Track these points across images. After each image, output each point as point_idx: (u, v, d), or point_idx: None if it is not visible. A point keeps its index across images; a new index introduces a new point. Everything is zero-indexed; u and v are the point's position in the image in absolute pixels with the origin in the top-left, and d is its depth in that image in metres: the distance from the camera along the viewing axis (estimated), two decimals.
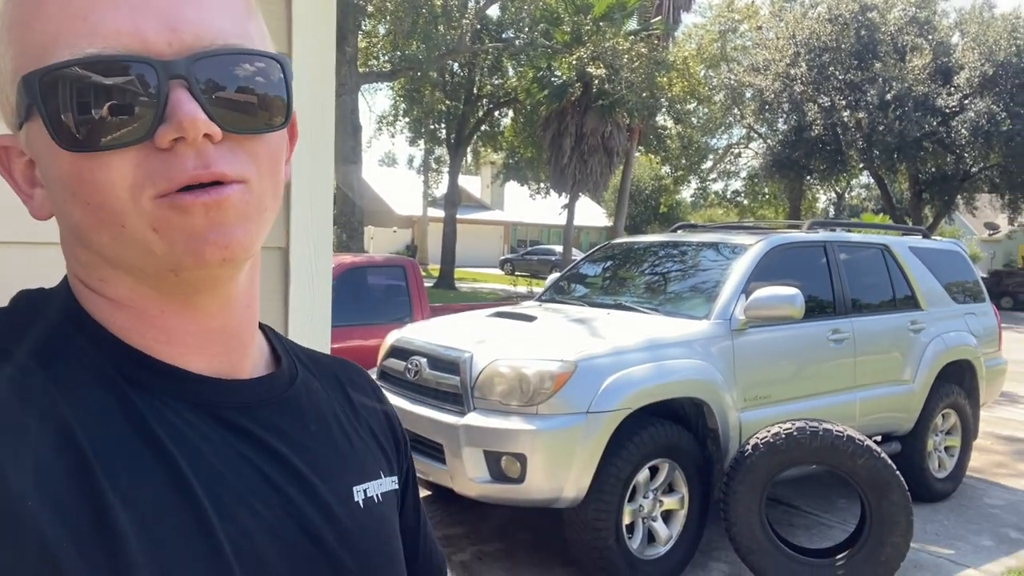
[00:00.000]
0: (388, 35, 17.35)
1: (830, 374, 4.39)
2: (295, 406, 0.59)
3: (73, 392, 0.47)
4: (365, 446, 0.64)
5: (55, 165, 0.47)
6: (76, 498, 0.43)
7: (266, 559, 0.50)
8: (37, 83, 0.45)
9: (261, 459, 0.53)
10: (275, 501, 0.52)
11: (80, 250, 0.51)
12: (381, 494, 0.61)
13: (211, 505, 0.48)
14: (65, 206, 0.48)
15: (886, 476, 3.44)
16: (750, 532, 3.50)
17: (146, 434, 0.48)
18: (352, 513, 0.58)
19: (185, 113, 0.45)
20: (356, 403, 0.67)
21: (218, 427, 0.52)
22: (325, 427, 0.60)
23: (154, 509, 0.46)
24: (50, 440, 0.44)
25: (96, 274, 0.52)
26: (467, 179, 36.60)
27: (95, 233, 0.48)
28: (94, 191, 0.46)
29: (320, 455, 0.58)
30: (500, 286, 23.34)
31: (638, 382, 3.45)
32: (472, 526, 4.24)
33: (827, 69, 20.42)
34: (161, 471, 0.47)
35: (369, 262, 6.17)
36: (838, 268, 4.64)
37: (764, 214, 30.30)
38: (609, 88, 15.70)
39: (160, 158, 0.46)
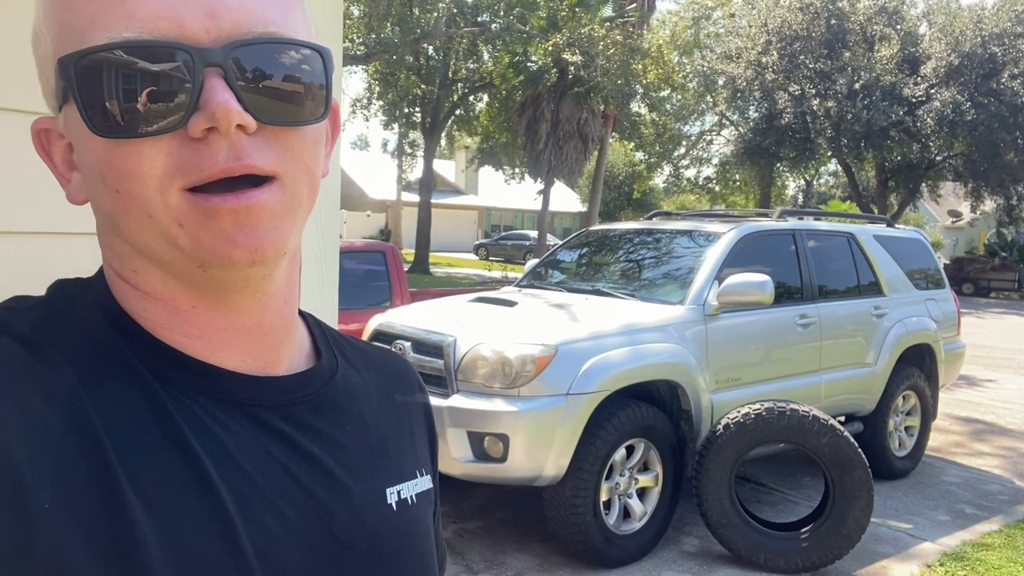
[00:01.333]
0: (363, 17, 17.21)
1: (797, 357, 4.57)
2: (331, 404, 0.57)
3: (100, 389, 0.46)
4: (402, 445, 0.62)
5: (88, 150, 0.46)
6: (95, 500, 0.42)
7: (290, 564, 0.49)
8: (73, 66, 0.44)
9: (292, 460, 0.52)
10: (304, 504, 0.51)
11: (114, 239, 0.51)
12: (416, 495, 0.60)
13: (236, 507, 0.47)
14: (97, 193, 0.48)
15: (849, 454, 3.63)
16: (720, 507, 3.67)
17: (172, 433, 0.47)
18: (384, 516, 0.56)
19: (218, 102, 0.43)
20: (398, 398, 0.65)
21: (249, 426, 0.51)
22: (362, 426, 0.59)
23: (175, 511, 0.45)
24: (72, 440, 0.43)
25: (129, 264, 0.51)
26: (441, 163, 36.47)
27: (124, 222, 0.48)
28: (123, 179, 0.45)
29: (354, 456, 0.56)
30: (475, 271, 23.41)
31: (616, 365, 3.59)
32: (454, 505, 4.36)
33: (797, 58, 20.69)
34: (185, 471, 0.46)
35: (349, 247, 6.22)
36: (806, 255, 4.81)
37: (735, 201, 30.68)
38: (585, 75, 15.78)
39: (192, 148, 0.44)
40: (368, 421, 0.60)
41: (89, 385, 0.45)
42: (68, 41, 0.45)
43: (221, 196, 0.45)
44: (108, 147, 0.45)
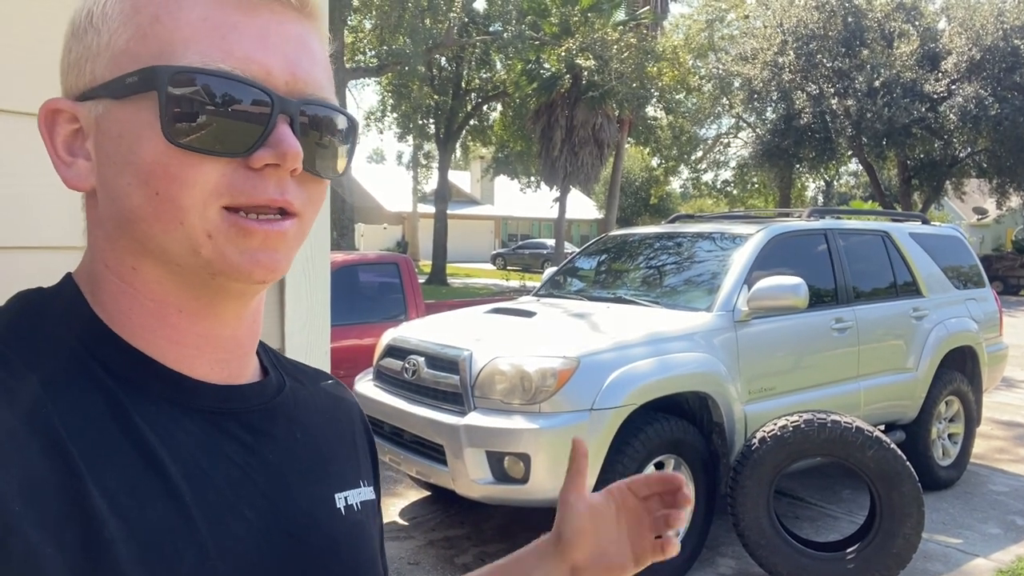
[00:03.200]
0: (374, 29, 17.18)
1: (834, 364, 4.33)
2: (283, 413, 0.60)
3: (64, 395, 0.47)
4: (346, 455, 0.65)
5: (142, 151, 0.48)
6: (63, 503, 0.43)
7: (253, 564, 0.51)
8: (169, 77, 0.47)
9: (250, 464, 0.54)
10: (263, 506, 0.53)
11: (120, 234, 0.52)
12: (360, 502, 0.63)
13: (199, 510, 0.49)
14: (129, 189, 0.49)
15: (896, 467, 3.38)
16: (758, 527, 3.43)
17: (136, 438, 0.48)
18: (334, 519, 0.59)
19: (290, 145, 0.49)
20: (337, 412, 0.68)
21: (211, 431, 0.53)
22: (310, 434, 0.61)
23: (141, 513, 0.46)
24: (37, 445, 0.44)
25: (129, 261, 0.52)
26: (457, 174, 36.45)
27: (147, 222, 0.49)
28: (173, 185, 0.48)
29: (305, 462, 0.59)
30: (493, 281, 23.25)
31: (642, 377, 3.38)
32: (474, 527, 4.15)
33: (815, 57, 20.40)
34: (150, 475, 0.48)
35: (362, 260, 6.07)
36: (839, 256, 4.57)
37: (754, 204, 30.31)
38: (599, 79, 15.60)
39: (245, 176, 0.49)
40: (314, 431, 0.62)
41: (53, 391, 0.46)
42: (150, 49, 0.48)
43: (259, 221, 0.50)
44: (170, 153, 0.48)
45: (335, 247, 12.92)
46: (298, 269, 1.26)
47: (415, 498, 4.57)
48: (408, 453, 3.57)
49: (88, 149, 0.51)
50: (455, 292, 18.29)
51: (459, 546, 3.91)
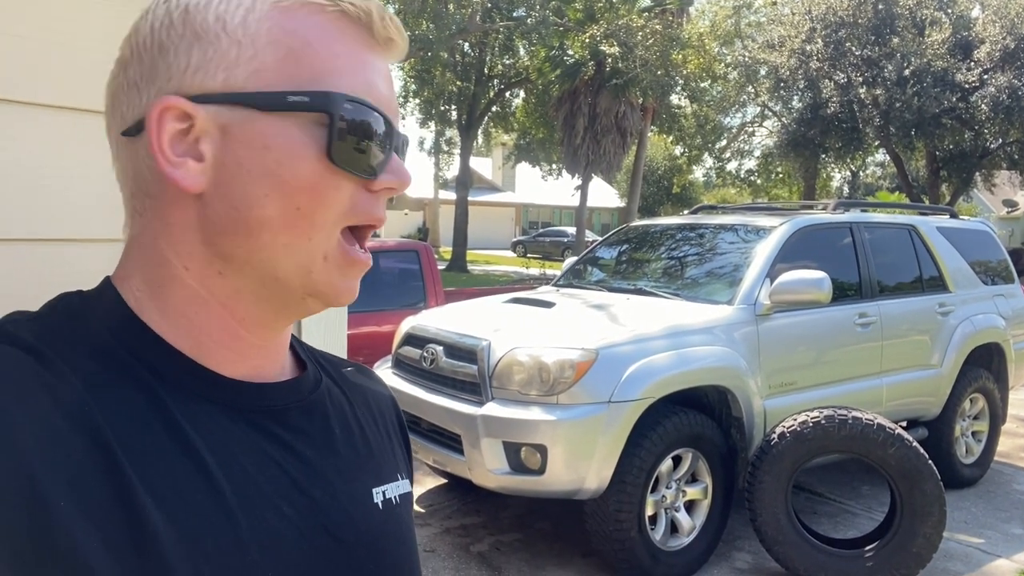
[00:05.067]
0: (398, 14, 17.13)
1: (857, 359, 4.27)
2: (320, 409, 0.60)
3: (106, 394, 0.47)
4: (383, 448, 0.65)
5: (294, 165, 0.50)
6: (108, 498, 0.44)
7: (292, 559, 0.52)
8: (341, 101, 0.51)
9: (288, 461, 0.55)
10: (301, 503, 0.54)
11: (222, 239, 0.52)
12: (398, 496, 0.63)
13: (240, 506, 0.50)
14: (263, 199, 0.51)
15: (918, 465, 3.34)
16: (776, 523, 3.41)
17: (178, 436, 0.49)
18: (372, 515, 0.59)
19: (407, 173, 0.55)
20: (374, 406, 0.68)
21: (248, 430, 0.54)
22: (347, 430, 0.62)
23: (185, 509, 0.47)
24: (81, 442, 0.44)
25: (217, 266, 0.53)
26: (478, 161, 36.37)
27: (273, 233, 0.51)
28: (315, 202, 0.51)
29: (343, 457, 0.59)
30: (513, 268, 23.24)
31: (661, 370, 3.35)
32: (490, 516, 4.17)
33: (843, 45, 20.00)
34: (192, 471, 0.49)
35: (381, 247, 6.07)
36: (864, 250, 4.50)
37: (778, 194, 29.95)
38: (623, 67, 15.44)
39: (365, 197, 0.53)
40: (352, 425, 0.63)
41: (95, 391, 0.47)
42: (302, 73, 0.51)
43: (362, 252, 0.55)
44: (322, 172, 0.51)
45: None
46: None
47: (432, 485, 4.60)
48: (425, 442, 3.59)
49: (202, 151, 0.51)
50: (475, 279, 18.30)
51: (475, 534, 3.93)
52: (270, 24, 0.51)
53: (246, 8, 0.51)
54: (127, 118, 0.52)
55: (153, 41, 0.51)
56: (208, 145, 0.51)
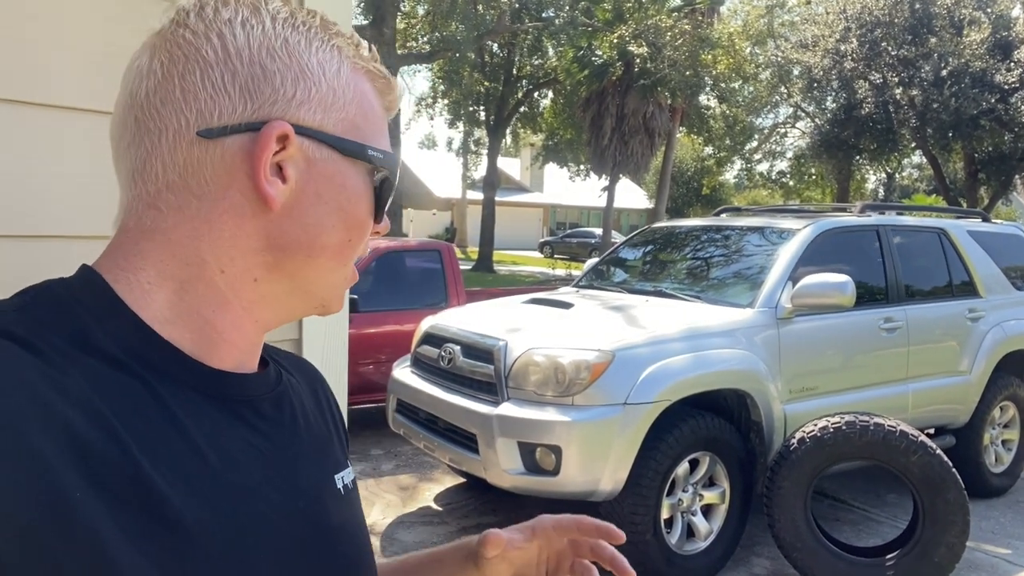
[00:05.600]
0: (427, 16, 17.23)
1: (881, 365, 4.20)
2: (287, 400, 0.63)
3: (106, 387, 0.48)
4: (333, 438, 0.69)
5: (359, 206, 0.59)
6: (127, 489, 0.45)
7: (280, 543, 0.55)
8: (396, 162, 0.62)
9: (268, 449, 0.57)
10: (284, 489, 0.57)
11: (276, 252, 0.56)
12: (351, 481, 0.67)
13: (237, 493, 0.52)
14: (331, 229, 0.58)
15: (941, 474, 3.27)
16: (794, 529, 3.37)
17: (178, 426, 0.51)
18: (338, 500, 0.63)
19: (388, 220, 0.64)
20: (321, 394, 0.72)
21: (232, 419, 0.56)
22: (307, 419, 0.65)
23: (194, 495, 0.49)
24: (95, 434, 0.45)
25: (256, 273, 0.56)
26: (506, 161, 36.40)
27: (327, 256, 0.58)
28: (360, 237, 0.60)
29: (309, 446, 0.63)
30: (539, 269, 23.22)
31: (678, 373, 3.33)
32: (507, 515, 4.18)
33: (879, 45, 19.64)
34: (196, 460, 0.51)
35: (404, 246, 6.11)
36: (891, 253, 4.42)
37: (811, 196, 29.51)
38: (651, 67, 15.35)
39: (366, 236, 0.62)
40: (309, 415, 0.66)
41: (95, 383, 0.48)
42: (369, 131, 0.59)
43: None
44: (369, 214, 0.60)
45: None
46: None
47: (450, 484, 4.62)
48: (442, 440, 3.60)
49: (288, 175, 0.55)
50: (501, 279, 18.32)
51: None
52: (354, 82, 0.59)
53: (338, 62, 0.58)
54: (210, 119, 0.53)
55: (252, 59, 0.54)
56: (293, 171, 0.55)
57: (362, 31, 14.83)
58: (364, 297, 5.46)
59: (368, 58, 0.62)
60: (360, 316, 5.40)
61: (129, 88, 0.55)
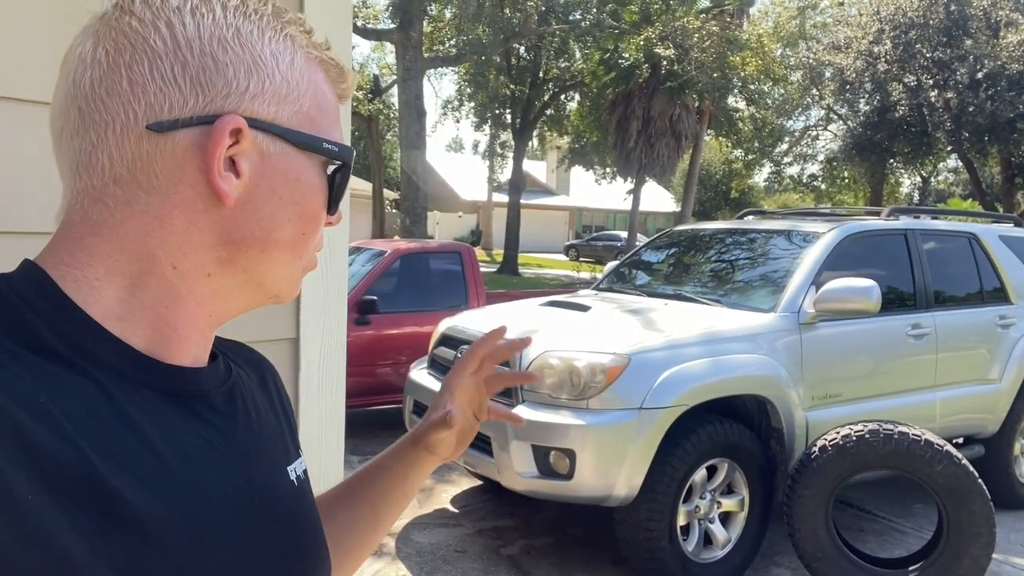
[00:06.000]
0: (454, 19, 17.29)
1: (908, 372, 4.10)
2: (238, 393, 0.62)
3: (55, 386, 0.47)
4: (283, 429, 0.68)
5: (314, 200, 0.58)
6: (79, 488, 0.44)
7: (237, 538, 0.54)
8: (352, 154, 0.61)
9: (222, 444, 0.57)
10: (239, 483, 0.56)
11: (230, 247, 0.55)
12: (303, 472, 0.67)
13: (193, 490, 0.52)
14: (285, 223, 0.57)
15: (967, 484, 3.18)
16: (815, 538, 3.30)
17: (130, 423, 0.50)
18: (291, 492, 0.63)
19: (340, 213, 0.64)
20: (269, 385, 0.71)
21: (186, 414, 0.55)
22: (258, 412, 0.64)
23: (149, 493, 0.48)
24: (44, 435, 0.44)
25: (209, 268, 0.55)
26: (532, 164, 36.40)
27: (281, 250, 0.57)
28: (315, 230, 0.59)
29: (261, 438, 0.62)
30: (564, 272, 23.16)
31: (696, 377, 3.28)
32: (523, 519, 4.15)
33: (913, 47, 19.28)
34: (149, 457, 0.50)
35: (423, 248, 6.13)
36: (920, 258, 4.32)
37: (842, 199, 29.08)
38: (678, 69, 15.23)
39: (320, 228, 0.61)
40: (260, 407, 0.65)
41: (42, 381, 0.47)
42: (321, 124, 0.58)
43: None
44: (323, 207, 0.60)
45: (407, 234, 13.11)
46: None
47: (467, 486, 4.60)
48: None
49: (241, 169, 0.54)
50: (525, 282, 18.31)
51: (506, 536, 3.92)
52: (308, 73, 0.58)
53: (291, 52, 0.57)
54: (159, 112, 0.51)
55: (203, 49, 0.52)
56: (246, 165, 0.54)
57: (389, 35, 14.94)
58: (384, 298, 5.48)
59: (321, 46, 0.60)
60: (380, 317, 5.42)
61: (71, 77, 0.53)
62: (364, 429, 5.55)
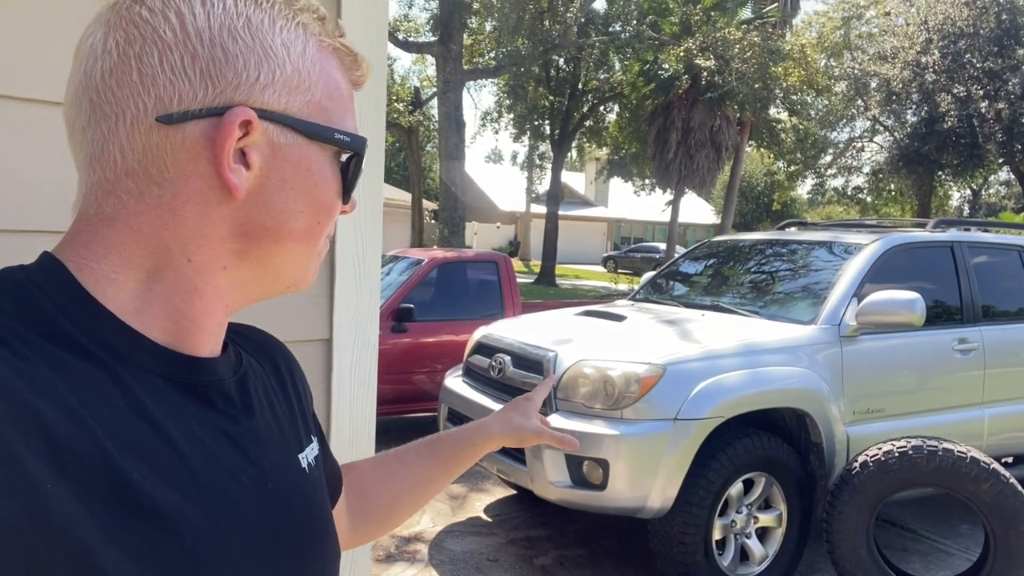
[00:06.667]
0: (493, 32, 17.44)
1: (954, 388, 3.99)
2: (250, 381, 0.63)
3: (72, 376, 0.47)
4: (295, 416, 0.68)
5: (327, 190, 0.58)
6: (97, 478, 0.44)
7: (251, 526, 0.55)
8: (364, 144, 0.60)
9: (236, 432, 0.57)
10: (252, 472, 0.57)
11: (243, 239, 0.55)
12: (314, 458, 0.67)
13: (209, 479, 0.52)
14: (298, 214, 0.57)
15: (1015, 504, 3.07)
16: (855, 557, 3.21)
17: (145, 414, 0.50)
18: (303, 479, 0.63)
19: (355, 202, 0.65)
20: (282, 372, 0.71)
21: (200, 404, 0.55)
22: (270, 399, 0.65)
23: (165, 484, 0.49)
24: (64, 425, 0.44)
25: (224, 260, 0.55)
26: (571, 175, 36.41)
27: (295, 240, 0.57)
28: (328, 219, 0.59)
29: (273, 426, 0.63)
30: (601, 283, 23.06)
31: (732, 389, 3.24)
32: (556, 529, 4.13)
33: (963, 56, 18.86)
34: (165, 448, 0.50)
35: (461, 257, 6.17)
36: (967, 271, 4.21)
37: (888, 212, 28.43)
38: (719, 80, 15.10)
39: (334, 218, 0.61)
40: (272, 395, 0.66)
41: (61, 372, 0.47)
42: (334, 113, 0.58)
43: None
44: (337, 197, 0.60)
45: (446, 244, 13.21)
46: (348, 264, 1.29)
47: (501, 496, 4.60)
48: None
49: (252, 161, 0.54)
50: (562, 293, 18.27)
51: (539, 547, 3.90)
52: (320, 62, 0.57)
53: (303, 41, 0.56)
54: (169, 104, 0.51)
55: (213, 40, 0.51)
56: (257, 157, 0.54)
57: (430, 48, 15.13)
58: (421, 307, 5.53)
59: (334, 33, 0.59)
60: (417, 325, 5.46)
61: (83, 67, 0.53)
62: (398, 436, 5.59)
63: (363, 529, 0.87)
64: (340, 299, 1.28)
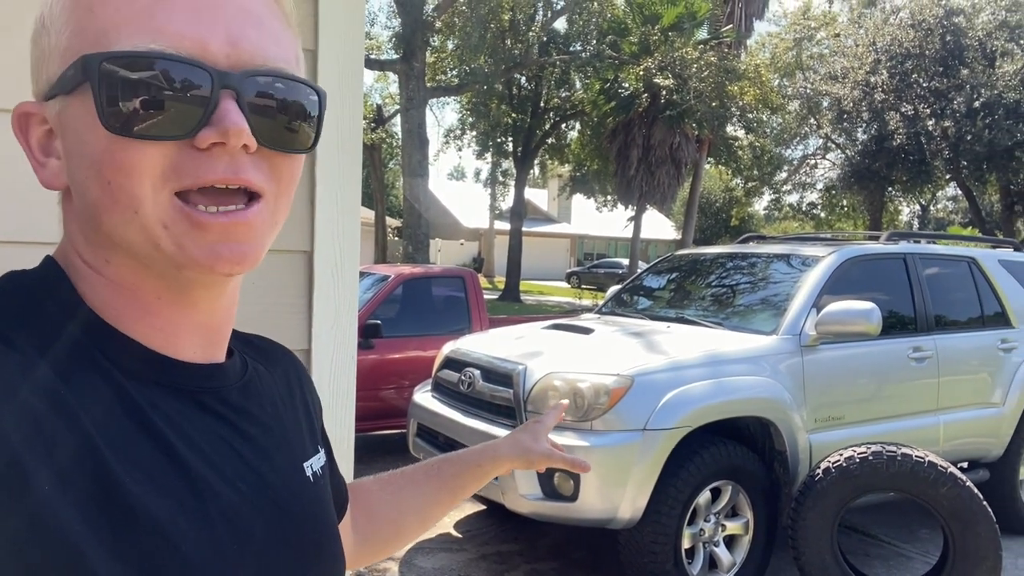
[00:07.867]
0: (456, 50, 17.55)
1: (911, 395, 4.11)
2: (254, 389, 0.62)
3: (73, 379, 0.47)
4: (301, 424, 0.68)
5: (89, 142, 0.48)
6: (91, 482, 0.44)
7: (251, 532, 0.54)
8: (98, 64, 0.47)
9: (236, 440, 0.56)
10: (252, 480, 0.56)
11: (90, 229, 0.52)
12: (319, 468, 0.66)
13: (205, 485, 0.51)
14: (87, 182, 0.49)
15: (972, 507, 3.17)
16: (820, 562, 3.28)
17: (142, 420, 0.50)
18: (307, 487, 0.62)
19: (232, 122, 0.48)
20: (290, 381, 0.70)
21: (198, 411, 0.55)
22: (275, 407, 0.64)
23: (159, 490, 0.48)
24: (62, 426, 0.44)
25: (102, 255, 0.52)
26: (534, 192, 36.63)
27: (108, 214, 0.49)
28: (120, 173, 0.48)
29: (277, 435, 0.62)
30: (565, 299, 23.19)
31: (699, 399, 3.29)
32: (527, 543, 4.13)
33: (910, 76, 19.55)
34: (160, 455, 0.50)
35: (427, 272, 6.16)
36: (920, 282, 4.35)
37: (842, 227, 29.18)
38: (677, 98, 15.41)
39: (192, 156, 0.48)
40: (277, 403, 0.64)
41: (63, 375, 0.47)
42: (87, 41, 0.48)
43: (211, 214, 0.49)
44: (113, 142, 0.47)
45: (410, 261, 13.17)
46: (327, 272, 1.30)
47: (471, 511, 4.58)
48: None
49: (58, 148, 0.52)
50: (527, 308, 18.33)
51: (510, 561, 3.89)
52: (64, 3, 0.50)
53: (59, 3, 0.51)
54: None
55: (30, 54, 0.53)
56: (59, 141, 0.51)
57: (392, 65, 15.15)
58: (388, 323, 5.50)
59: None
60: (384, 342, 5.44)
61: None
62: (367, 454, 5.53)
63: (367, 548, 0.86)
64: (319, 308, 1.28)
